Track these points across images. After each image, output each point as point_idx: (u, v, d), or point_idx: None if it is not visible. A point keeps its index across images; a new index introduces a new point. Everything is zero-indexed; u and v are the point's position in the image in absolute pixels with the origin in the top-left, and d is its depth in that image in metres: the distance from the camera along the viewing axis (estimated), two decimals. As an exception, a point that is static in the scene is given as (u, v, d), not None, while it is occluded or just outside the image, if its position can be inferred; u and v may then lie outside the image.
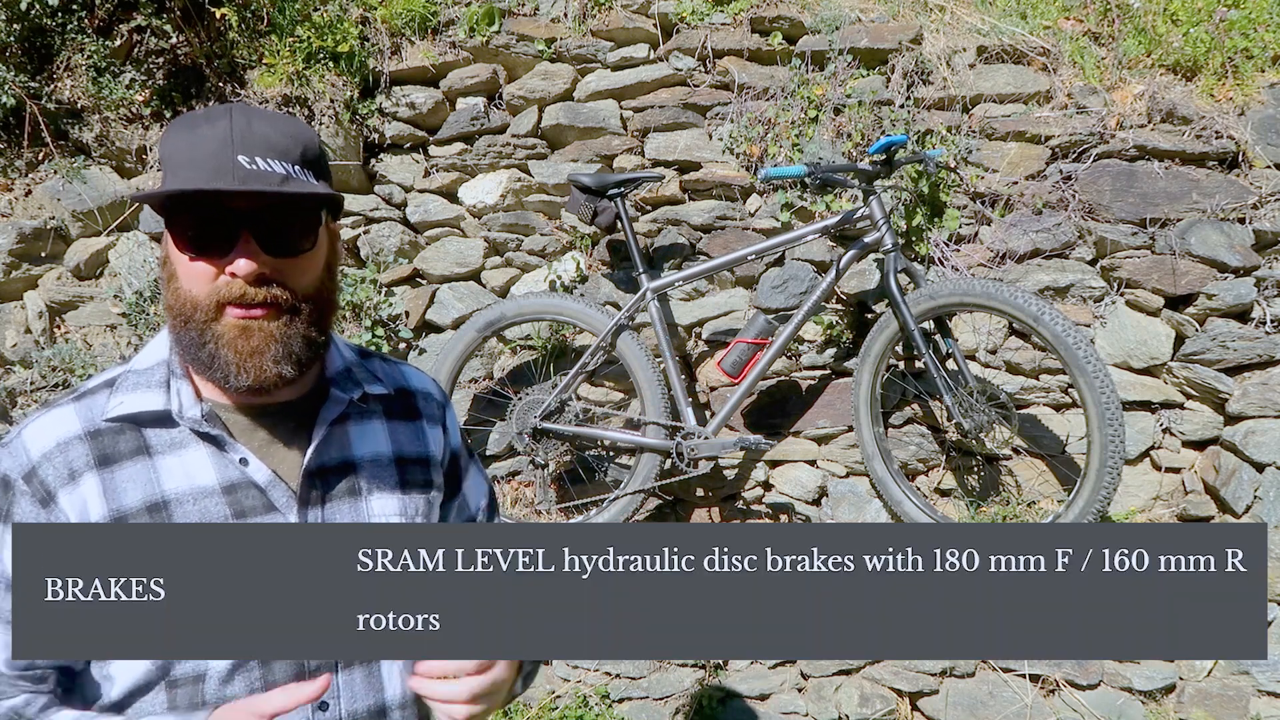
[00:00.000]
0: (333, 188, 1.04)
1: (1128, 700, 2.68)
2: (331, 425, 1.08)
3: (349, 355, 1.15)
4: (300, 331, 0.99)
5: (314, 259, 1.01)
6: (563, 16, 3.24)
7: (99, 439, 0.98)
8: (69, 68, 3.19)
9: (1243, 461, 2.74)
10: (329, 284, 1.05)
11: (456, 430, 1.26)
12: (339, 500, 1.06)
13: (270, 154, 0.94)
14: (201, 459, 1.00)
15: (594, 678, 2.94)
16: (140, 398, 1.00)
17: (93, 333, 3.28)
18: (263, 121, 0.95)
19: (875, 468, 2.89)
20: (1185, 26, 2.96)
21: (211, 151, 0.92)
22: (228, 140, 0.92)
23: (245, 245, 0.94)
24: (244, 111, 0.95)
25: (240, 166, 0.92)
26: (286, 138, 0.96)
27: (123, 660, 0.96)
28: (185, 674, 0.96)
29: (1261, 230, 2.78)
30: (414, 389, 1.21)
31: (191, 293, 0.95)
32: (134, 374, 1.03)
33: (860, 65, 3.08)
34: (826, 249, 3.04)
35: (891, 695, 2.83)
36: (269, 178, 0.93)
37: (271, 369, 0.97)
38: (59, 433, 0.98)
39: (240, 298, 0.94)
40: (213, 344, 0.96)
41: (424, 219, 3.33)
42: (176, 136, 0.95)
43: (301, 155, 0.97)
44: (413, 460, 1.15)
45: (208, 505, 0.99)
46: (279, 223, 0.96)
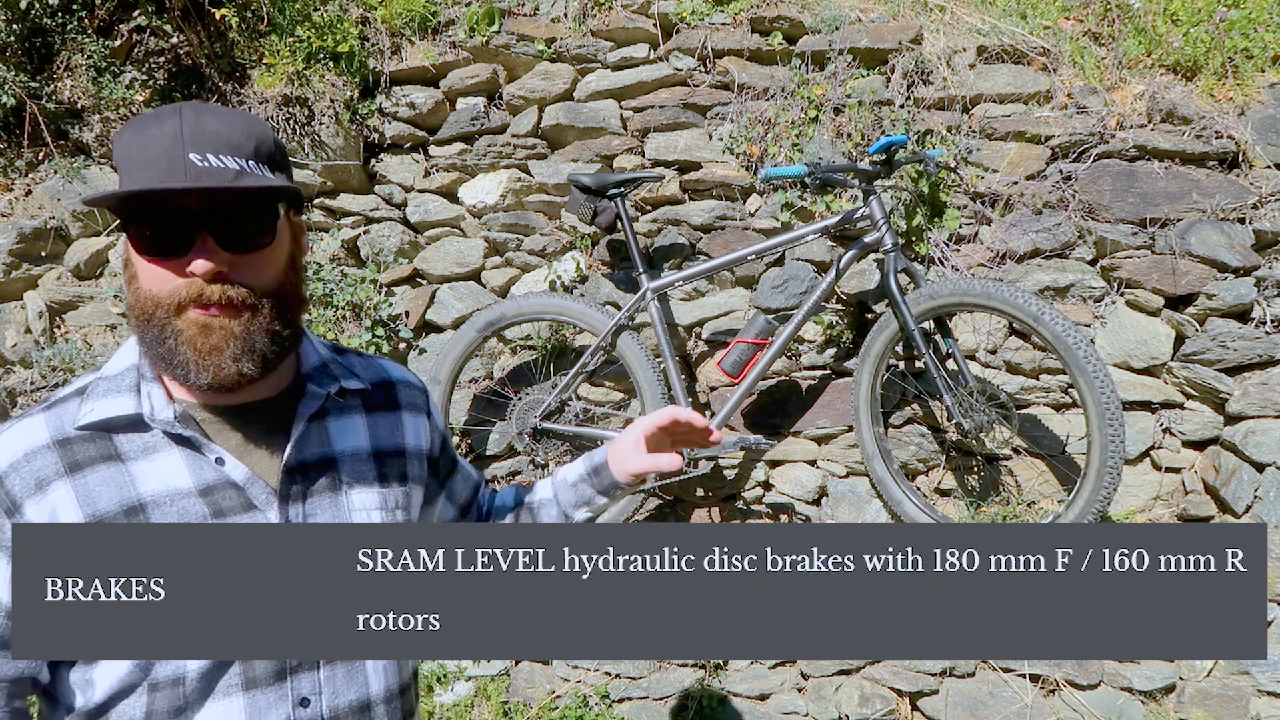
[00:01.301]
0: (291, 180, 1.03)
1: (1128, 700, 2.68)
2: (310, 421, 1.08)
3: (325, 352, 1.16)
4: (263, 327, 0.98)
5: (274, 254, 1.00)
6: (563, 16, 3.24)
7: (68, 447, 0.97)
8: (69, 68, 3.19)
9: (1243, 461, 2.74)
10: (293, 278, 1.04)
11: (439, 415, 1.30)
12: (320, 496, 1.06)
13: (222, 150, 0.93)
14: (175, 462, 0.99)
15: (594, 678, 2.94)
16: (111, 403, 0.99)
17: (93, 333, 3.28)
18: (214, 118, 0.94)
19: (875, 468, 2.89)
20: (1185, 26, 2.96)
21: (163, 151, 0.91)
22: (178, 139, 0.92)
23: (203, 244, 0.93)
24: (194, 109, 0.94)
25: (192, 164, 0.91)
26: (239, 133, 0.95)
27: (108, 662, 0.95)
28: (166, 676, 0.96)
29: (1261, 230, 2.78)
30: (394, 379, 1.22)
31: (153, 292, 0.95)
32: (104, 380, 1.02)
33: (860, 65, 3.08)
34: (826, 249, 3.04)
35: (891, 695, 2.83)
36: (222, 174, 0.92)
37: (231, 366, 0.96)
38: (27, 442, 0.97)
39: (199, 296, 0.94)
40: (172, 340, 0.95)
41: (424, 219, 3.33)
42: (128, 139, 0.95)
43: (255, 150, 0.96)
44: (391, 453, 1.16)
45: (185, 506, 0.98)
46: (235, 219, 0.95)
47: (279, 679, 1.00)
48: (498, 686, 2.96)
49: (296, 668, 1.01)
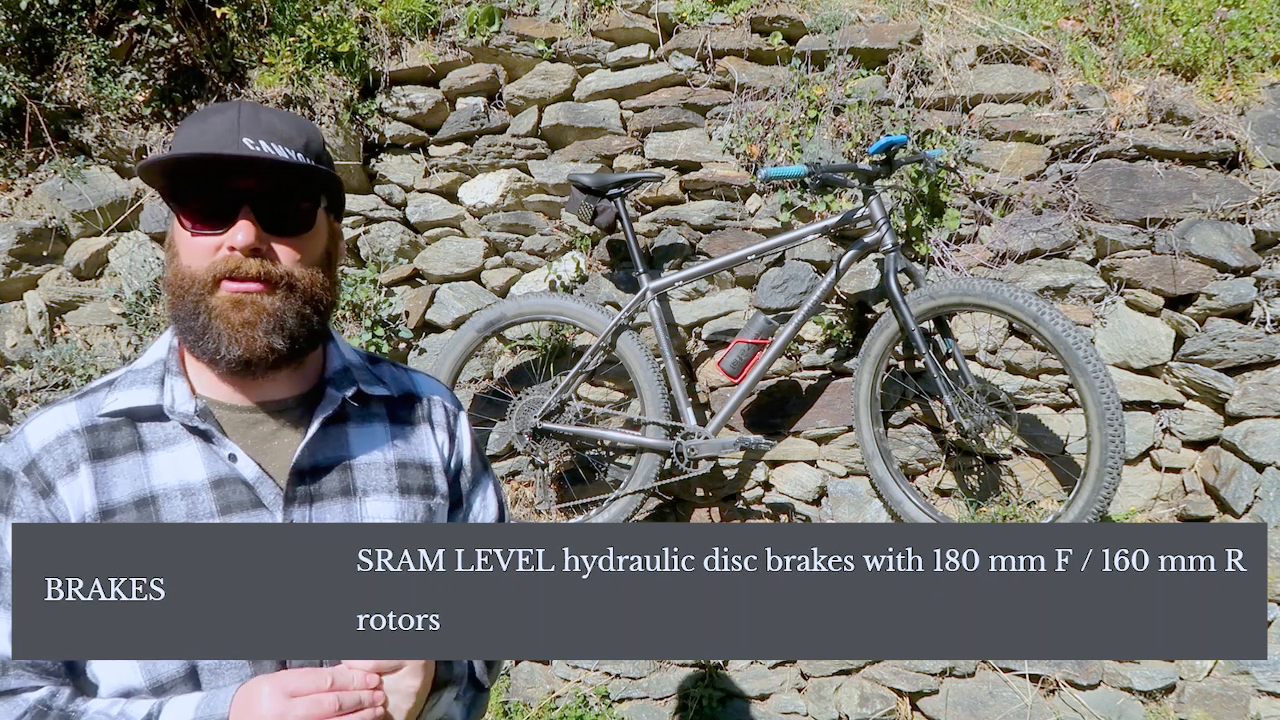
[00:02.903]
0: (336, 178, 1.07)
1: (1128, 700, 2.68)
2: (330, 425, 1.08)
3: (352, 357, 1.16)
4: (295, 309, 1.01)
5: (312, 242, 1.04)
6: (563, 16, 3.24)
7: (95, 433, 1.00)
8: (69, 68, 3.19)
9: (1243, 461, 2.74)
10: (328, 274, 1.07)
11: (468, 442, 1.23)
12: (330, 500, 1.06)
13: (275, 139, 0.98)
14: (192, 454, 1.02)
15: (594, 678, 2.94)
16: (135, 394, 1.03)
17: (93, 333, 3.28)
18: (269, 114, 1.01)
19: (875, 468, 2.89)
20: (1185, 26, 2.96)
21: (218, 135, 0.97)
22: (235, 125, 0.97)
23: (245, 220, 0.97)
24: (252, 106, 1.01)
25: (245, 146, 0.96)
26: (292, 128, 1.01)
27: (110, 665, 0.96)
28: (168, 678, 0.96)
29: (1261, 230, 2.78)
30: (420, 394, 1.21)
31: (190, 268, 0.99)
32: (133, 373, 1.06)
33: (860, 65, 3.08)
34: (826, 249, 3.03)
35: (891, 695, 2.83)
36: (271, 159, 0.97)
37: (262, 340, 0.99)
38: (59, 427, 1.01)
39: (235, 269, 0.98)
40: (205, 315, 0.98)
41: (424, 219, 3.33)
42: (188, 127, 1.00)
43: (305, 146, 1.01)
44: (415, 465, 1.14)
45: (195, 501, 1.00)
46: (278, 203, 1.00)
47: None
48: (498, 686, 2.96)
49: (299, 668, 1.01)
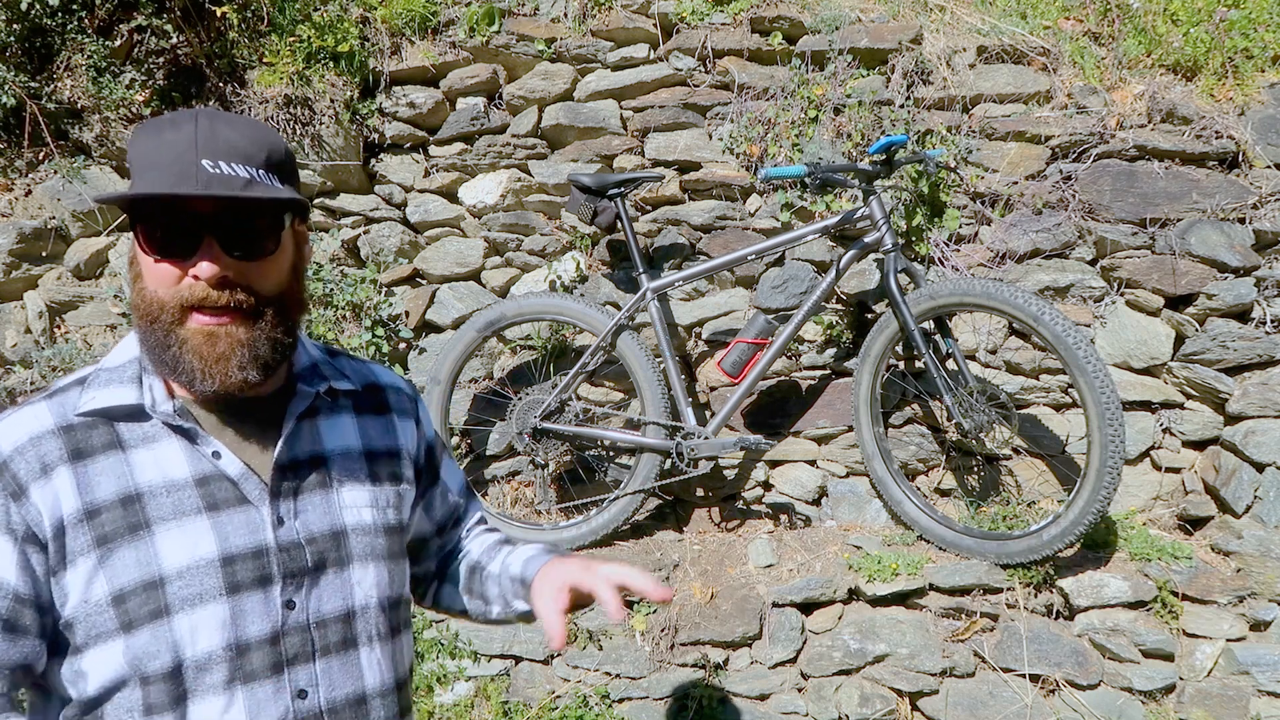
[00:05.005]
0: (299, 190, 1.06)
1: (1128, 700, 2.68)
2: (301, 420, 1.10)
3: (315, 353, 1.18)
4: (265, 334, 1.00)
5: (278, 261, 1.02)
6: (563, 16, 3.24)
7: (72, 433, 0.99)
8: (69, 68, 3.18)
9: (1243, 461, 2.74)
10: (295, 286, 1.06)
11: (429, 422, 1.30)
12: (310, 492, 1.08)
13: (234, 158, 0.95)
14: (174, 452, 1.02)
15: (594, 678, 2.94)
16: (113, 393, 1.02)
17: (93, 333, 3.27)
18: (227, 126, 0.97)
19: (875, 468, 2.89)
20: (1185, 26, 2.96)
21: (176, 155, 0.94)
22: (192, 144, 0.94)
23: (208, 248, 0.95)
24: (209, 116, 0.97)
25: (204, 170, 0.93)
26: (251, 142, 0.97)
27: (96, 655, 0.96)
28: (156, 670, 0.96)
29: (1261, 230, 2.78)
30: (383, 384, 1.24)
31: (157, 294, 0.97)
32: (105, 371, 1.04)
33: (860, 65, 3.07)
34: (826, 249, 3.03)
35: (891, 695, 2.83)
36: (232, 182, 0.94)
37: (236, 374, 0.99)
38: (32, 428, 0.99)
39: (204, 300, 0.96)
40: (177, 348, 0.97)
41: (424, 219, 3.33)
42: (143, 140, 0.97)
43: (266, 159, 0.98)
44: (382, 453, 1.18)
45: (181, 497, 1.00)
46: (242, 226, 0.97)
47: (276, 671, 1.01)
48: (498, 686, 2.96)
49: (294, 659, 1.03)
